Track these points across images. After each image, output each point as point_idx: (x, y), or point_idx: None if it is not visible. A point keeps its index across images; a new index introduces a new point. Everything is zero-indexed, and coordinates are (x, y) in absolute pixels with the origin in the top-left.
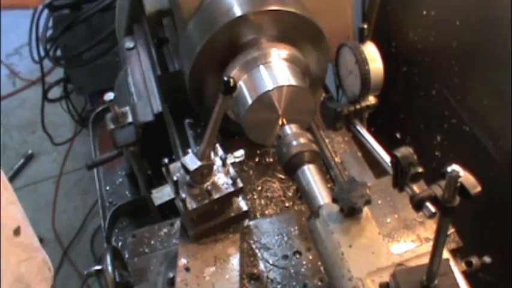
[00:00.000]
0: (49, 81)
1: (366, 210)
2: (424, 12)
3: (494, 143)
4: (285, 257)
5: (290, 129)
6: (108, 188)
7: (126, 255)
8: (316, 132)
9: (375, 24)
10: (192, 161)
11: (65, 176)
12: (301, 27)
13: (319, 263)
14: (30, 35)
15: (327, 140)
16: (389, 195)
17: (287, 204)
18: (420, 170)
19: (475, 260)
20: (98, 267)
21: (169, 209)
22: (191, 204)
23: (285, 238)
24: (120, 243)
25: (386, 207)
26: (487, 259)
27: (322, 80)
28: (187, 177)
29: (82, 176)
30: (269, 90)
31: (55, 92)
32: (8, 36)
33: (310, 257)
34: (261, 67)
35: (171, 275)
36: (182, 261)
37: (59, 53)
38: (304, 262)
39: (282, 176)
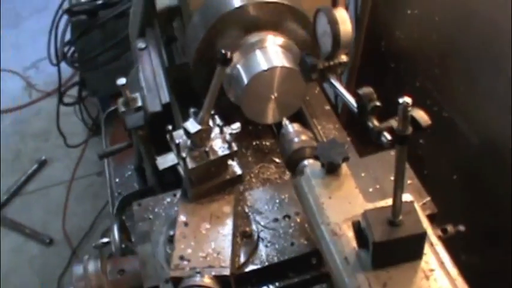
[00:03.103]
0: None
1: (345, 168)
2: (409, 12)
3: (469, 125)
4: (275, 219)
5: (292, 127)
6: (117, 180)
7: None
8: (310, 120)
9: (367, 25)
10: (192, 125)
11: (76, 181)
12: (296, 20)
13: (306, 225)
14: (50, 38)
15: (319, 127)
16: (373, 169)
17: None
18: (378, 103)
19: (449, 228)
20: (105, 240)
21: None
22: (191, 164)
23: (276, 204)
24: None
25: (369, 179)
26: (461, 227)
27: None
28: (188, 142)
29: (92, 181)
30: (264, 70)
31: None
32: (26, 51)
33: (298, 220)
34: (257, 51)
35: (171, 233)
36: (181, 218)
37: (75, 57)
38: (292, 224)
39: (278, 160)
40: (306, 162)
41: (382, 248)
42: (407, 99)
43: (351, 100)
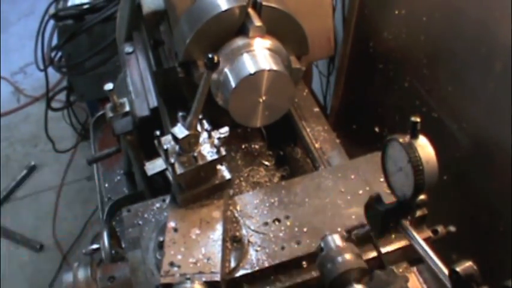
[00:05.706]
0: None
1: None
2: (396, 12)
3: (458, 125)
4: (266, 223)
5: (333, 241)
6: (107, 185)
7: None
8: (298, 122)
9: (355, 26)
10: (180, 131)
11: (65, 187)
12: (283, 23)
13: (296, 229)
14: (36, 43)
15: (308, 129)
16: (362, 171)
17: None
18: None
19: (440, 229)
20: (95, 247)
21: None
22: (179, 169)
23: (266, 208)
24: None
25: (359, 181)
26: (452, 228)
27: (300, 77)
28: (177, 147)
29: (82, 186)
30: (251, 74)
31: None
32: (14, 56)
33: (288, 224)
34: (245, 54)
35: (161, 238)
36: (171, 224)
37: (63, 62)
38: (282, 228)
39: (267, 163)
40: None
41: None
42: None
43: (441, 267)
